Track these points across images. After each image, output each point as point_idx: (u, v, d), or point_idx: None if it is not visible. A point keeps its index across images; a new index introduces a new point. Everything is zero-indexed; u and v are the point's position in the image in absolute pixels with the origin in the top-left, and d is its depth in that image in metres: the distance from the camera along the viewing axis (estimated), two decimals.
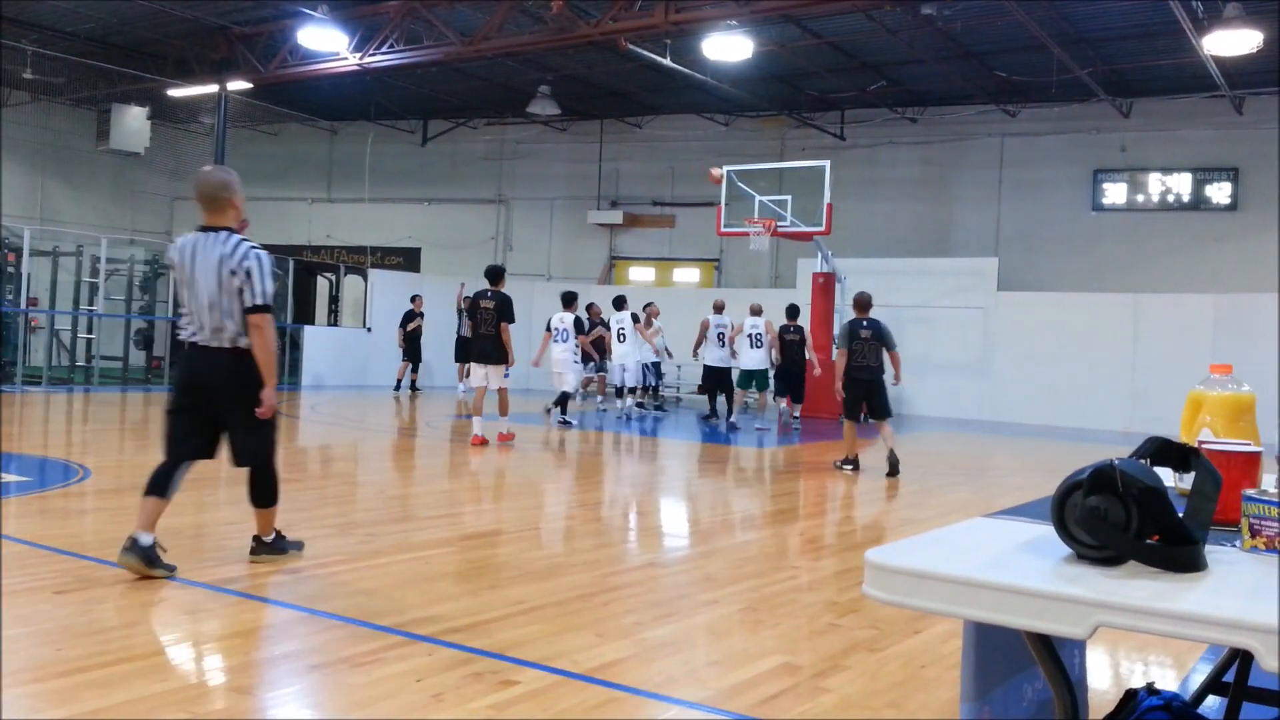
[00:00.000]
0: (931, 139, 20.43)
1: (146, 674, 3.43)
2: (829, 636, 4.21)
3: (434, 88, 21.02)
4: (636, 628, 4.20)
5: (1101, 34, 15.68)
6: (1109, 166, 19.03)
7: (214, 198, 4.78)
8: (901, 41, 16.14)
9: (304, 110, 23.87)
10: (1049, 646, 1.49)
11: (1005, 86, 18.29)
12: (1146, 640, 4.17)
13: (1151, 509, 1.50)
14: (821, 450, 12.65)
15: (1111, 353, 17.38)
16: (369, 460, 10.18)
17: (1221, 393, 2.05)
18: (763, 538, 6.71)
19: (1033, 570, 1.49)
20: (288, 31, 17.48)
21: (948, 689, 3.56)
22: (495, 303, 10.91)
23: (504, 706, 3.20)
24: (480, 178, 24.25)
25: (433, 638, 3.87)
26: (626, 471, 10.51)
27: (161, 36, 18.65)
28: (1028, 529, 1.75)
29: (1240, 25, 12.70)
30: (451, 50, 16.45)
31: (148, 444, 10.88)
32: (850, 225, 19.30)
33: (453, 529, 6.41)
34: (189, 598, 4.37)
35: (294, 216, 25.01)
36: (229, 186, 4.79)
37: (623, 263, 23.68)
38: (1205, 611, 1.31)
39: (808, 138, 21.08)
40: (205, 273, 4.70)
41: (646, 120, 22.81)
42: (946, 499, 8.77)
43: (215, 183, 4.80)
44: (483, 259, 23.89)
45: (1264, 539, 1.57)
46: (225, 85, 19.11)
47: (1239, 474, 1.79)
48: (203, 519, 6.38)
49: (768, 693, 3.47)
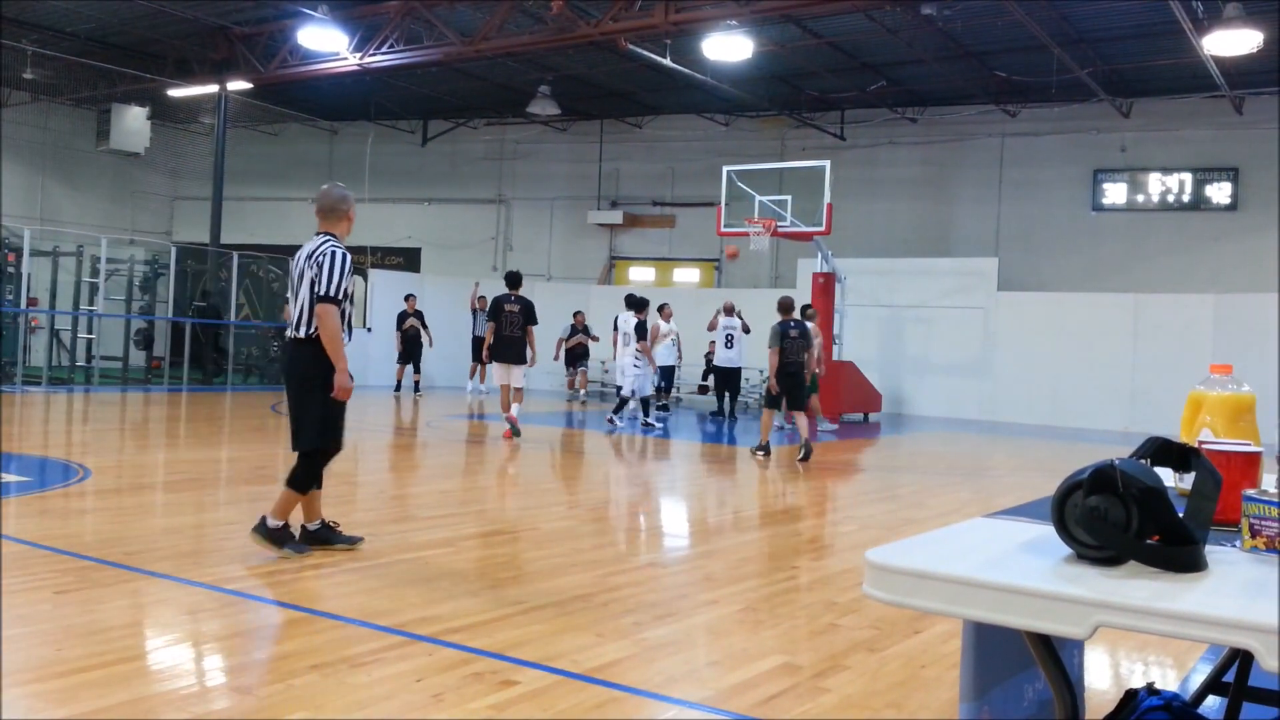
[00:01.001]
0: (931, 139, 20.43)
1: (146, 674, 3.44)
2: (829, 636, 4.21)
3: (434, 88, 21.03)
4: (636, 628, 4.20)
5: (1101, 34, 15.68)
6: (1109, 166, 19.04)
7: (333, 209, 5.32)
8: (901, 41, 16.15)
9: (304, 110, 23.88)
10: (1049, 647, 1.49)
11: (1005, 86, 18.29)
12: (1146, 640, 4.17)
13: (1152, 509, 1.50)
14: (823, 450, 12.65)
15: (1111, 353, 17.38)
16: (367, 460, 10.18)
17: (1221, 393, 2.05)
18: (762, 537, 6.71)
19: (1033, 570, 1.49)
20: (288, 31, 17.50)
21: (948, 689, 3.56)
22: (520, 306, 11.53)
23: (504, 706, 3.20)
24: (480, 178, 24.26)
25: (433, 638, 3.87)
26: (627, 472, 10.51)
27: (161, 36, 18.66)
28: (1028, 529, 1.75)
29: (1240, 25, 12.71)
30: (451, 50, 16.46)
31: (148, 444, 10.89)
32: (850, 225, 19.31)
33: (452, 529, 6.41)
34: (189, 598, 4.37)
35: (294, 217, 24.94)
36: (347, 200, 5.37)
37: (623, 263, 23.68)
38: (1205, 611, 1.31)
39: (808, 138, 21.08)
40: (298, 268, 5.24)
41: (647, 120, 22.81)
42: (946, 499, 8.77)
43: (336, 196, 5.35)
44: (483, 259, 23.97)
45: (1264, 539, 1.57)
46: (225, 85, 19.12)
47: (1239, 474, 1.79)
48: (202, 519, 6.38)
49: (768, 693, 3.47)
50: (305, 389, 5.18)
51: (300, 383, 5.21)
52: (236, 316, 20.07)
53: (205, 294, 20.34)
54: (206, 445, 10.69)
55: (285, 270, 20.31)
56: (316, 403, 5.14)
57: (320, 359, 5.13)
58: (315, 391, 5.14)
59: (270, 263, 20.75)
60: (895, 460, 12.25)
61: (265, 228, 24.34)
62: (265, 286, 21.18)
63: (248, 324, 20.61)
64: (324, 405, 5.14)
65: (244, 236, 22.49)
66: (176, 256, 19.51)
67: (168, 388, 18.34)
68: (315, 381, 5.14)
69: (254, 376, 20.15)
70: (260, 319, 20.72)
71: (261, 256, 20.79)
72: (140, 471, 8.55)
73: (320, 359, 5.13)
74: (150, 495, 7.32)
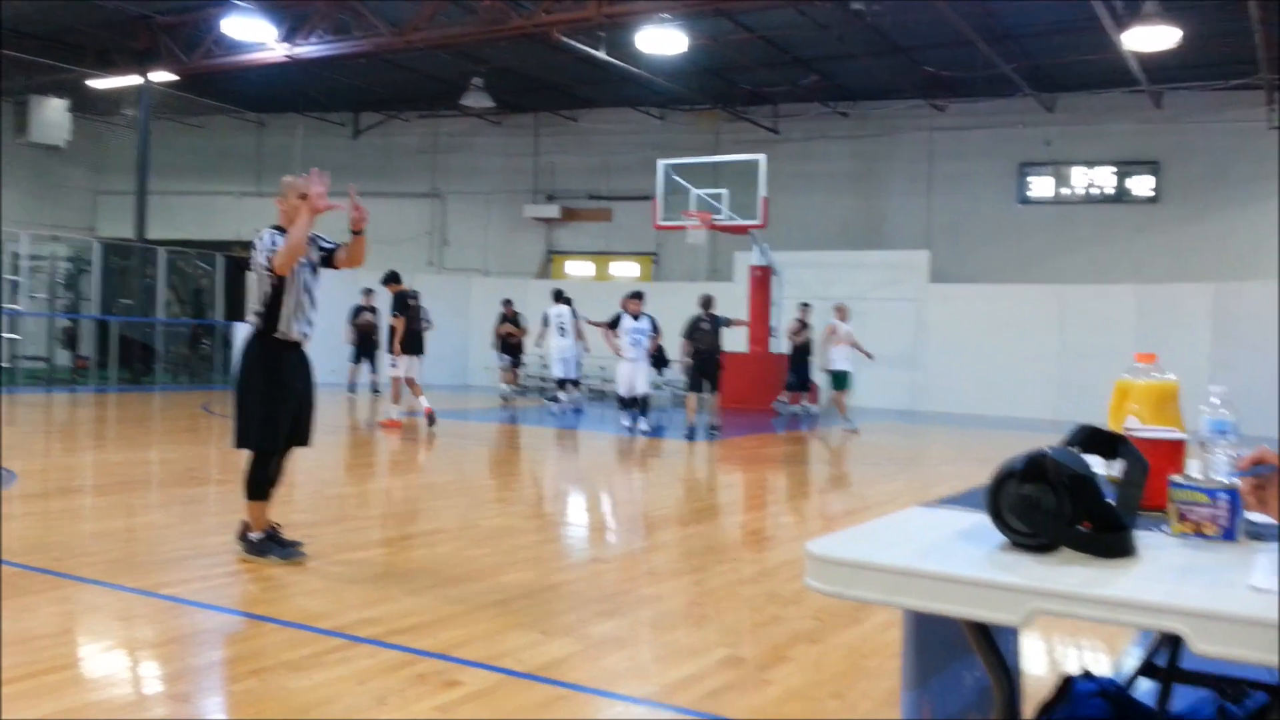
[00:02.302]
0: (863, 133, 20.67)
1: (79, 683, 3.36)
2: (772, 628, 4.26)
3: (365, 79, 20.72)
4: (580, 624, 4.20)
5: (1025, 30, 15.99)
6: (1034, 160, 19.44)
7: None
8: (832, 36, 16.30)
9: (230, 102, 23.36)
10: (986, 635, 1.52)
11: (933, 81, 18.57)
12: (1079, 625, 4.27)
13: (1083, 496, 1.54)
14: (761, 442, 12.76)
15: (1039, 342, 17.76)
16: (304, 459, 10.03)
17: (1147, 381, 2.10)
18: (704, 531, 6.75)
19: (968, 559, 1.52)
20: (212, 21, 17.10)
21: (889, 678, 3.62)
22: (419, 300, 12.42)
23: (449, 708, 3.19)
24: (414, 171, 23.97)
25: (375, 639, 3.83)
26: (562, 467, 10.49)
27: (81, 26, 18.12)
28: (963, 518, 1.78)
29: (1159, 22, 13.04)
30: (381, 41, 16.24)
31: (75, 446, 10.60)
32: (785, 219, 19.46)
33: (392, 529, 6.35)
34: (121, 604, 4.27)
35: (222, 211, 24.47)
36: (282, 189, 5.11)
37: (560, 257, 23.60)
38: (1136, 596, 1.35)
39: (741, 131, 21.20)
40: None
41: (582, 113, 22.74)
42: (883, 488, 8.91)
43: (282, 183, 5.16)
44: (418, 253, 23.69)
45: (1192, 524, 1.62)
46: (148, 76, 18.64)
47: (1165, 460, 1.84)
48: (133, 523, 6.24)
49: (712, 686, 3.50)
50: (244, 386, 5.05)
51: (238, 379, 5.09)
52: (164, 314, 19.61)
53: (131, 291, 19.85)
54: (136, 446, 10.44)
55: (213, 266, 20.01)
56: (254, 400, 4.99)
57: (259, 355, 5.00)
58: (253, 389, 4.99)
59: (198, 258, 20.31)
60: (831, 451, 12.40)
61: (192, 223, 23.80)
62: (193, 283, 20.73)
63: (176, 321, 20.15)
64: (262, 403, 4.99)
65: (171, 231, 21.97)
66: (101, 253, 19.00)
67: (95, 388, 17.87)
68: (253, 379, 5.00)
69: (183, 375, 19.71)
70: (189, 316, 20.27)
71: (189, 252, 20.35)
72: (68, 474, 8.32)
73: (259, 355, 5.00)
74: (78, 499, 7.13)
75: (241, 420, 5.04)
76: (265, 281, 5.00)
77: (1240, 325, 15.35)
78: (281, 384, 5.02)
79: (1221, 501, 1.61)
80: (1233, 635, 1.25)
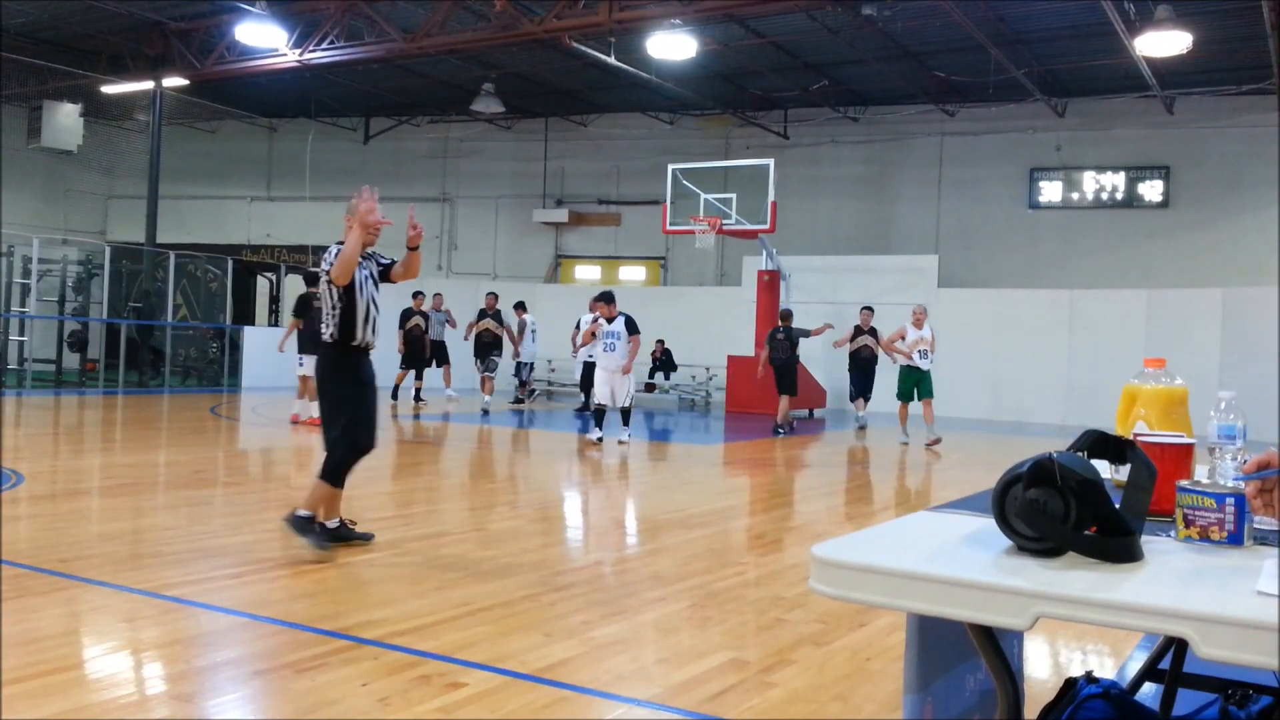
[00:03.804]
0: (873, 138, 20.66)
1: (84, 683, 3.36)
2: (776, 631, 4.24)
3: (376, 85, 20.79)
4: (584, 626, 4.19)
5: (1036, 35, 15.96)
6: (1045, 165, 19.40)
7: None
8: (842, 41, 16.30)
9: (242, 107, 23.46)
10: (991, 638, 1.51)
11: (944, 86, 18.55)
12: (1084, 629, 4.26)
13: (1089, 501, 1.53)
14: (769, 446, 12.74)
15: (1048, 347, 17.71)
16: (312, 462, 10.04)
17: (1155, 386, 2.09)
18: (709, 534, 6.73)
19: (974, 563, 1.51)
20: (225, 27, 17.18)
21: (892, 681, 3.60)
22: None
23: (452, 709, 3.18)
24: (424, 176, 24.03)
25: (378, 641, 3.83)
26: (568, 471, 10.48)
27: (95, 32, 18.23)
28: (969, 522, 1.77)
29: (1171, 27, 13.01)
30: (393, 47, 16.29)
31: (83, 448, 10.63)
32: (794, 223, 19.46)
33: (397, 531, 6.35)
34: (127, 605, 4.27)
35: (232, 215, 24.58)
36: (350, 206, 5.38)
37: (569, 261, 23.63)
38: (1142, 601, 1.34)
39: (751, 136, 21.20)
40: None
41: (591, 119, 22.78)
42: (890, 493, 8.88)
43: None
44: (427, 258, 23.69)
45: (1198, 528, 1.61)
46: (160, 82, 18.72)
47: (1173, 465, 1.83)
48: (139, 524, 6.25)
49: (716, 689, 3.48)
50: (324, 389, 5.49)
51: (320, 384, 5.51)
52: (173, 317, 19.68)
53: (141, 295, 19.91)
54: (143, 449, 10.46)
55: (223, 270, 20.06)
56: (332, 401, 5.41)
57: (336, 362, 5.40)
58: (333, 392, 5.42)
59: (208, 262, 20.38)
60: (840, 455, 12.37)
61: (203, 227, 23.90)
62: (203, 287, 20.79)
63: (185, 325, 20.21)
64: (345, 404, 5.36)
65: (181, 236, 22.07)
66: (111, 256, 19.08)
67: (103, 391, 17.93)
68: (331, 382, 5.42)
69: (192, 378, 19.77)
70: (198, 320, 20.33)
71: (199, 256, 20.41)
72: (75, 476, 8.35)
73: (336, 362, 5.40)
74: (86, 500, 7.16)
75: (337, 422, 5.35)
76: (332, 293, 5.37)
77: (1250, 331, 15.27)
78: (364, 385, 5.46)
79: (1228, 506, 1.59)
80: (1239, 639, 1.25)
